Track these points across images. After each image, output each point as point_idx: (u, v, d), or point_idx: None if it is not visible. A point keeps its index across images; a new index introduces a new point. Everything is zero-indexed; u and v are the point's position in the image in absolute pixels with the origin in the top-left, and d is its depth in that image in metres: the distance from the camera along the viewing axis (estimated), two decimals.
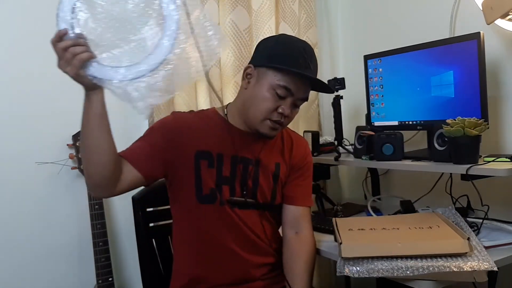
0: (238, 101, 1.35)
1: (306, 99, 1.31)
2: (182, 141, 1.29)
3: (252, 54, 1.37)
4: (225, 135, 1.33)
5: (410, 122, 1.70)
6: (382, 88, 1.78)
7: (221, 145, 1.33)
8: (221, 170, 1.32)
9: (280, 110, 1.25)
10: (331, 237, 1.42)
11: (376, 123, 1.82)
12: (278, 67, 1.24)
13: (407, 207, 1.65)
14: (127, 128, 1.84)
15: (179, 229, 1.38)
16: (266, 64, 1.27)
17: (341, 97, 1.91)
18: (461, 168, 1.34)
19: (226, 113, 1.37)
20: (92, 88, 1.06)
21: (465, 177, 1.34)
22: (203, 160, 1.30)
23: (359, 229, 1.32)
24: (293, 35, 2.03)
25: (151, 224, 1.54)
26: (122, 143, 1.79)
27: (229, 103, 1.41)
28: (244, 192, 1.33)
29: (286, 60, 1.24)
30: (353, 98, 2.08)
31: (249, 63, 1.32)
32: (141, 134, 1.77)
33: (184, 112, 1.40)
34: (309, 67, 1.27)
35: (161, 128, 1.32)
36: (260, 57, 1.31)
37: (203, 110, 1.45)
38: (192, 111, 1.44)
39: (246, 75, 1.31)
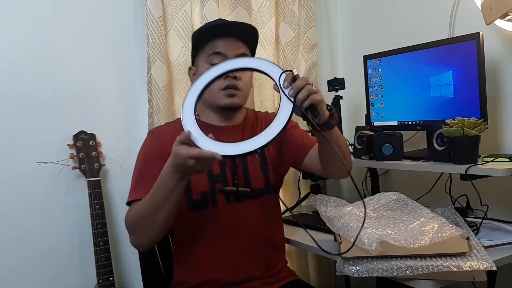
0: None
1: (245, 55, 1.36)
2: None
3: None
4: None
5: (410, 122, 1.71)
6: (381, 88, 1.79)
7: None
8: (211, 170, 1.33)
9: (224, 75, 1.26)
10: (331, 237, 1.42)
11: (376, 123, 1.82)
12: (198, 43, 1.36)
13: None
14: (128, 128, 1.85)
15: (176, 235, 1.41)
16: (193, 55, 1.40)
17: (341, 97, 1.92)
18: (461, 168, 1.35)
19: (197, 113, 1.35)
20: (189, 176, 1.12)
21: (465, 177, 1.34)
22: None
23: None
24: (293, 35, 2.04)
25: None
26: (123, 142, 1.81)
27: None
28: (236, 181, 1.34)
29: (200, 35, 1.36)
30: (352, 98, 2.09)
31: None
32: (142, 133, 1.79)
33: (160, 126, 1.45)
34: (221, 23, 1.38)
35: (150, 154, 1.33)
36: (192, 56, 1.43)
37: (178, 118, 1.40)
38: (167, 122, 1.47)
39: (192, 76, 1.42)
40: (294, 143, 1.44)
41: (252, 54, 1.43)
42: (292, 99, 1.06)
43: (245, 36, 1.38)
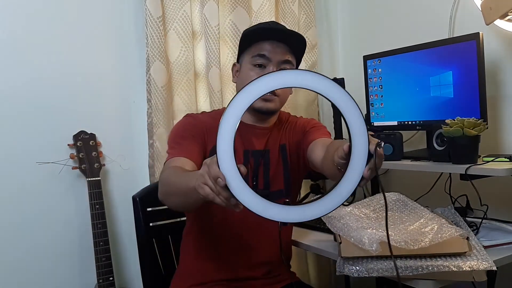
0: None
1: (289, 61, 1.34)
2: (202, 136, 1.32)
3: None
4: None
5: (409, 122, 1.71)
6: (381, 88, 1.79)
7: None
8: None
9: None
10: (331, 237, 1.42)
11: (376, 123, 1.82)
12: (245, 43, 1.36)
13: None
14: (128, 128, 1.85)
15: (189, 225, 1.42)
16: (240, 52, 1.40)
17: None
18: (460, 168, 1.35)
19: None
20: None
21: (464, 177, 1.34)
22: None
23: None
24: None
25: (151, 224, 1.54)
26: (123, 142, 1.82)
27: None
28: (254, 183, 1.34)
29: (249, 35, 1.35)
30: None
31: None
32: (142, 133, 1.80)
33: (196, 113, 1.46)
34: (270, 26, 1.38)
35: (187, 127, 1.34)
36: (238, 53, 1.42)
37: (214, 110, 1.51)
38: (203, 111, 1.49)
39: (235, 72, 1.42)
40: (306, 145, 1.39)
41: (298, 63, 1.41)
42: (361, 178, 0.86)
43: (293, 44, 1.36)
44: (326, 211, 0.87)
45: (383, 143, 0.89)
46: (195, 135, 1.31)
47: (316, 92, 0.87)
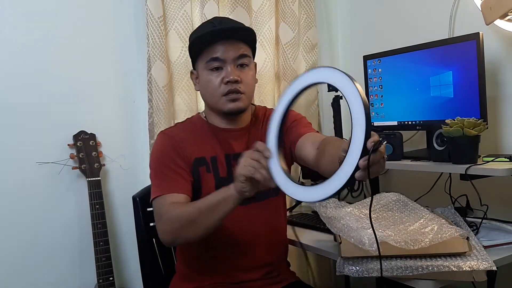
0: (204, 102, 1.40)
1: (244, 55, 1.30)
2: (183, 153, 1.31)
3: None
4: (212, 137, 1.35)
5: (409, 122, 1.71)
6: (381, 88, 1.79)
7: (213, 148, 1.34)
8: (218, 173, 1.33)
9: (225, 80, 1.27)
10: (331, 237, 1.42)
11: (376, 123, 1.82)
12: (195, 48, 1.31)
13: None
14: (128, 128, 1.85)
15: None
16: (193, 59, 1.35)
17: (341, 97, 1.91)
18: (460, 168, 1.35)
19: (205, 116, 1.39)
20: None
21: (464, 177, 1.34)
22: (201, 166, 1.32)
23: None
24: (293, 35, 2.05)
25: (152, 224, 1.54)
26: (123, 142, 1.82)
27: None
28: None
29: (196, 42, 1.29)
30: None
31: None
32: (142, 133, 1.80)
33: (169, 127, 1.43)
34: (217, 26, 1.29)
35: (165, 152, 1.31)
36: (192, 60, 1.37)
37: (188, 118, 1.45)
38: (177, 123, 1.46)
39: (195, 80, 1.37)
40: (293, 140, 1.37)
41: (253, 50, 1.37)
42: (354, 169, 0.90)
43: (241, 37, 1.32)
44: (328, 194, 0.92)
45: (385, 142, 0.94)
46: (175, 159, 1.29)
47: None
